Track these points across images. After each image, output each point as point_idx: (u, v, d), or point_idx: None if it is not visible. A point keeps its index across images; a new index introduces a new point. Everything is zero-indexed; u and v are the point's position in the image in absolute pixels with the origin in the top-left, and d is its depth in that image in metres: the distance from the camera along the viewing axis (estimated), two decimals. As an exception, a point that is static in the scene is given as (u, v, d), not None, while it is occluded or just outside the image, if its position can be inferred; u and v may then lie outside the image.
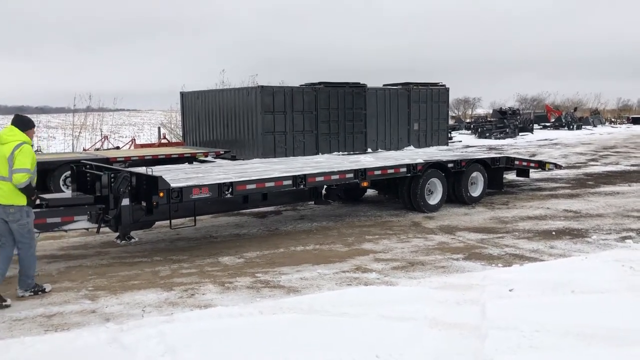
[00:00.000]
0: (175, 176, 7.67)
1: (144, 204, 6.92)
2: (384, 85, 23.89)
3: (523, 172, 12.18)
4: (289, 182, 7.92)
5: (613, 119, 48.73)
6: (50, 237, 8.16)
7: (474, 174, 10.37)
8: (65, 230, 6.88)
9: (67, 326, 4.87)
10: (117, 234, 7.03)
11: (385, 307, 4.91)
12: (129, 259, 7.05)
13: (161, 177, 6.76)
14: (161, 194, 6.65)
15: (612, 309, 4.75)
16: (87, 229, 6.92)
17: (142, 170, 7.32)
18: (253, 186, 7.61)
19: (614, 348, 4.01)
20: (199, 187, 7.05)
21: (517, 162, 11.43)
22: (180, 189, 6.87)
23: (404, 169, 9.21)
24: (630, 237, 7.59)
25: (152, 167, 7.75)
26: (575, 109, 44.84)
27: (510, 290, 5.29)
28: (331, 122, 21.05)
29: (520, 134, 31.32)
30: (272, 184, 7.79)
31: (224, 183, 7.28)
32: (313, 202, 9.63)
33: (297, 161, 10.45)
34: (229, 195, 7.35)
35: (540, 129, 36.92)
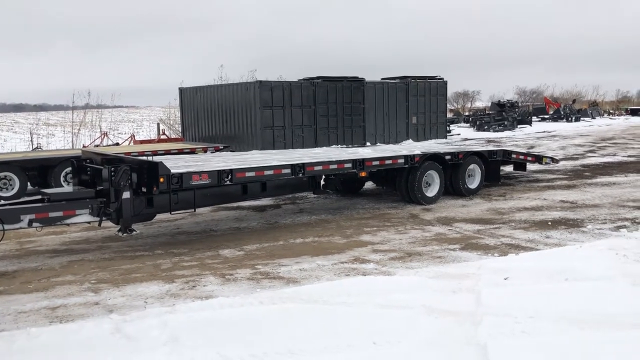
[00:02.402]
0: (175, 164, 7.78)
1: (144, 189, 7.03)
2: (382, 79, 23.94)
3: (520, 165, 12.26)
4: (288, 170, 8.03)
5: (612, 111, 48.79)
6: (52, 232, 8.26)
7: (472, 166, 10.46)
8: (68, 224, 6.97)
9: (71, 317, 4.97)
10: (119, 226, 7.12)
11: (383, 296, 5.01)
12: (131, 252, 7.15)
13: (162, 162, 6.90)
14: (161, 180, 6.78)
15: (605, 296, 4.85)
16: (89, 222, 7.02)
17: (142, 157, 7.44)
18: (252, 174, 7.72)
19: (604, 332, 4.12)
20: (199, 173, 7.16)
21: (514, 156, 11.52)
22: (181, 174, 6.99)
23: (402, 160, 9.31)
24: (625, 227, 7.69)
25: (153, 157, 7.86)
26: (574, 101, 44.88)
27: (505, 279, 5.40)
28: (330, 116, 21.11)
29: (518, 126, 31.39)
30: (271, 172, 7.90)
31: (223, 170, 7.40)
32: (312, 193, 9.74)
33: (296, 152, 10.55)
34: (228, 183, 7.46)
35: (539, 121, 37.00)
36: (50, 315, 5.04)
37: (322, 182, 9.47)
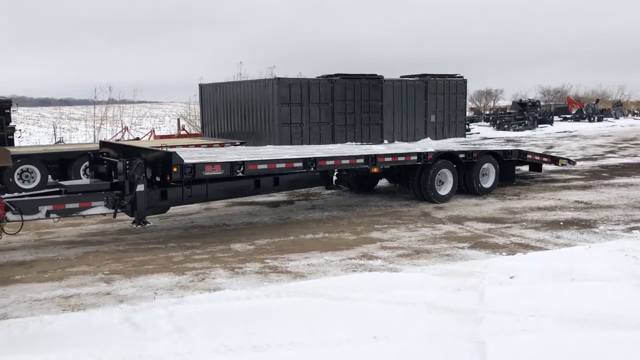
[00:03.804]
0: (190, 155, 7.93)
1: (158, 179, 7.18)
2: (401, 76, 23.89)
3: (535, 166, 12.16)
4: (300, 164, 8.12)
5: (636, 111, 47.92)
6: (70, 224, 8.47)
7: (486, 165, 10.43)
8: (84, 216, 7.16)
9: (83, 306, 5.12)
10: (133, 218, 7.29)
11: (387, 292, 5.07)
12: (144, 245, 7.31)
13: (175, 152, 7.07)
14: (175, 169, 6.93)
15: (609, 296, 4.85)
16: (104, 214, 7.19)
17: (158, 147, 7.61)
18: (264, 166, 7.83)
19: (603, 332, 4.13)
20: (212, 164, 7.30)
21: (529, 156, 11.44)
22: (194, 165, 7.14)
23: (415, 157, 9.33)
24: (638, 228, 7.62)
25: (168, 147, 8.02)
26: (597, 101, 44.19)
27: (510, 278, 5.41)
28: (347, 113, 21.15)
29: (539, 125, 31.05)
30: (283, 165, 8.01)
31: (235, 161, 7.53)
32: (325, 188, 9.83)
33: (309, 148, 10.65)
34: (240, 174, 7.56)
35: (561, 121, 36.52)
36: (64, 304, 5.21)
37: (335, 178, 9.54)
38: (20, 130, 19.76)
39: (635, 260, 5.85)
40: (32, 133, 29.91)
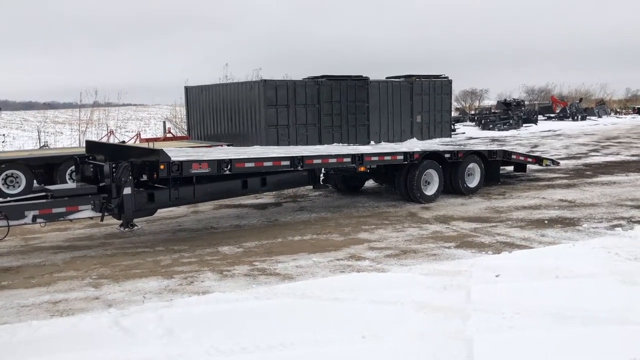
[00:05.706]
0: (177, 153, 7.93)
1: (145, 177, 7.19)
2: (386, 77, 24.01)
3: (520, 166, 12.31)
4: (287, 162, 8.17)
5: (618, 110, 48.54)
6: (56, 229, 8.42)
7: (471, 165, 10.53)
8: (70, 220, 7.13)
9: (71, 311, 5.11)
10: (120, 222, 7.28)
11: (375, 292, 5.12)
12: (132, 249, 7.30)
13: (162, 149, 7.08)
14: (162, 167, 6.94)
15: (592, 292, 4.94)
16: (91, 217, 7.17)
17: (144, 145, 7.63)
18: (251, 164, 7.86)
19: (588, 328, 4.21)
20: (199, 162, 7.32)
21: (514, 157, 11.56)
22: (181, 162, 7.16)
23: (401, 157, 9.41)
24: (620, 225, 7.75)
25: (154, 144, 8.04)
26: (581, 100, 44.70)
27: (496, 276, 5.49)
28: (334, 115, 21.21)
29: (524, 125, 31.35)
30: (270, 163, 8.05)
31: (223, 159, 7.54)
32: (312, 188, 9.90)
33: (296, 148, 10.71)
34: (227, 172, 7.58)
35: (545, 120, 36.90)
36: (52, 309, 5.19)
37: (322, 178, 9.58)
38: (4, 134, 19.59)
39: (618, 257, 5.97)
40: (15, 137, 29.61)
